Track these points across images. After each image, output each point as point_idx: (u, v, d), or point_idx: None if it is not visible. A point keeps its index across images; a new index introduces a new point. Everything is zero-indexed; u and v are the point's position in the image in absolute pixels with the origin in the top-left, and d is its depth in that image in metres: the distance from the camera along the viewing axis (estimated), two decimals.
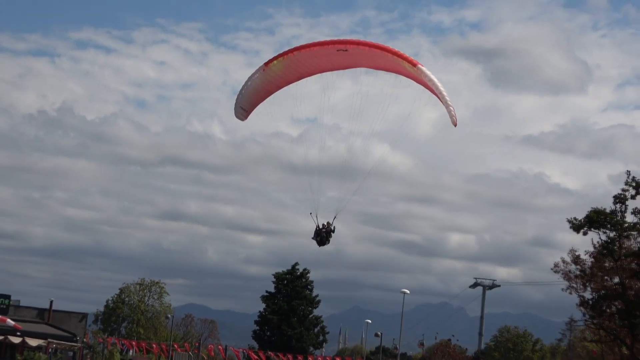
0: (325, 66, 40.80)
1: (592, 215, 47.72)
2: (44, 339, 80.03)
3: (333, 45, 39.05)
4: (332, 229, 42.13)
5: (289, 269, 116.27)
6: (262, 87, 41.40)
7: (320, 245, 42.80)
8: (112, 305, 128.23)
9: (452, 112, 38.22)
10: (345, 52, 38.96)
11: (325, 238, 42.15)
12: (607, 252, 47.48)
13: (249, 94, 41.73)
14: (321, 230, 41.97)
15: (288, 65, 40.04)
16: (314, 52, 39.12)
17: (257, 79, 40.90)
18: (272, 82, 41.07)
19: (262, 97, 42.30)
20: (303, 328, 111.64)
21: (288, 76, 40.93)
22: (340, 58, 39.61)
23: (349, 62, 40.55)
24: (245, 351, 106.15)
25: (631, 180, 47.08)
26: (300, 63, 39.95)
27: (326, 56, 39.45)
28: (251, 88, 41.37)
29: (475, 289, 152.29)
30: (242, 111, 42.63)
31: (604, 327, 49.68)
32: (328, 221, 42.26)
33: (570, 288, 49.91)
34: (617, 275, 47.25)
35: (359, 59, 39.93)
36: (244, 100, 41.97)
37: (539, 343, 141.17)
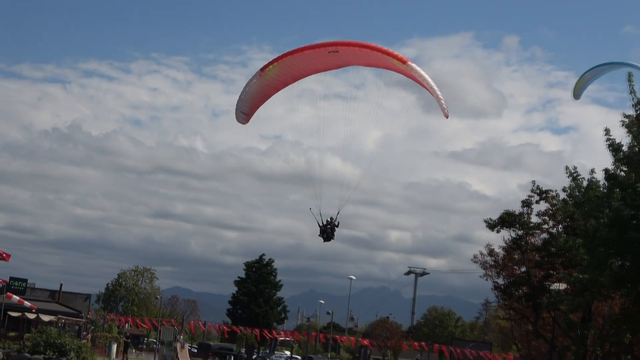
0: (319, 67, 37.20)
1: (504, 216, 47.79)
2: (54, 316, 79.17)
3: (324, 48, 35.36)
4: (336, 224, 38.34)
5: (257, 259, 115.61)
6: (261, 90, 37.88)
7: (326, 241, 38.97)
8: (112, 288, 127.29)
9: (443, 105, 34.66)
10: (336, 53, 35.29)
11: (331, 234, 38.33)
12: (516, 247, 47.57)
13: (248, 98, 38.07)
14: (326, 227, 38.21)
15: (283, 69, 36.50)
16: (307, 55, 35.48)
17: (255, 84, 37.29)
18: (270, 85, 37.54)
19: (262, 100, 38.86)
20: (268, 307, 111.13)
21: (284, 79, 37.34)
22: (333, 59, 35.96)
23: (341, 62, 36.96)
24: (221, 326, 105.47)
25: (536, 188, 47.23)
26: (294, 66, 36.49)
27: (318, 58, 35.85)
28: (250, 93, 37.75)
29: (409, 276, 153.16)
30: (242, 115, 38.77)
31: (513, 308, 49.74)
32: (331, 217, 38.46)
33: (486, 275, 49.87)
34: (524, 265, 47.29)
35: (350, 58, 36.32)
36: (243, 104, 38.21)
37: (461, 320, 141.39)
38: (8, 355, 56.83)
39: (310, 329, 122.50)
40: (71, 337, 61.87)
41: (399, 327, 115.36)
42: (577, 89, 46.24)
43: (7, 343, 62.17)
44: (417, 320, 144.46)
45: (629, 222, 25.67)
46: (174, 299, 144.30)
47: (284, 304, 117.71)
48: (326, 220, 37.95)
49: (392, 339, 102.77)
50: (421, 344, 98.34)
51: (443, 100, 34.40)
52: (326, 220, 37.93)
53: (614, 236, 26.25)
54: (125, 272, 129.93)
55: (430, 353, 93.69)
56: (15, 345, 59.91)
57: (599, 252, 27.40)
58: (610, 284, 27.97)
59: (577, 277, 30.99)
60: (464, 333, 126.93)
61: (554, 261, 44.13)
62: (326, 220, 37.95)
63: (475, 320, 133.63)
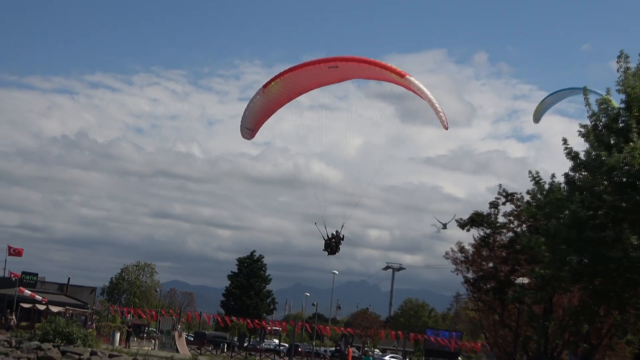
0: (320, 82, 35.52)
1: (474, 216, 47.79)
2: (62, 307, 78.82)
3: (324, 64, 33.61)
4: (341, 237, 36.04)
5: (248, 255, 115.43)
6: (265, 107, 36.20)
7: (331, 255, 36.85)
8: (115, 281, 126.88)
9: (443, 117, 32.79)
10: (336, 68, 33.53)
11: (335, 247, 36.16)
12: (484, 244, 47.57)
13: (252, 115, 36.39)
14: (331, 241, 35.90)
15: (285, 85, 34.74)
16: (308, 71, 33.76)
17: (259, 100, 35.66)
18: (274, 101, 35.94)
19: (266, 116, 37.15)
20: (258, 299, 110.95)
21: (288, 94, 35.65)
22: (333, 73, 34.23)
23: (342, 77, 35.25)
24: (215, 316, 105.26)
25: (502, 191, 47.26)
26: (296, 82, 34.68)
27: (319, 73, 34.04)
28: (254, 109, 36.06)
29: (386, 271, 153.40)
30: (247, 131, 37.04)
31: (482, 300, 49.70)
32: (337, 230, 36.16)
33: (457, 270, 49.82)
34: (492, 261, 47.31)
35: (350, 72, 34.58)
36: (248, 121, 36.54)
37: (434, 311, 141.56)
38: (20, 342, 56.59)
39: (297, 319, 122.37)
40: (78, 326, 61.64)
41: (378, 318, 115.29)
42: (536, 113, 46.52)
43: (19, 332, 61.91)
44: (394, 311, 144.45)
45: (586, 222, 25.74)
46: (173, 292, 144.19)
47: (273, 296, 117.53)
48: (331, 233, 35.96)
49: (372, 328, 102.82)
50: (398, 333, 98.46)
51: (443, 113, 32.84)
52: (331, 234, 35.94)
53: (573, 235, 26.32)
54: (128, 267, 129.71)
55: (406, 341, 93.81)
56: (27, 334, 59.66)
57: (559, 250, 27.46)
58: (570, 278, 28.05)
59: (539, 273, 31.08)
60: (437, 323, 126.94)
61: (519, 258, 44.18)
62: (331, 233, 35.96)
63: (447, 311, 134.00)
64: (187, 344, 74.55)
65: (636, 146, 24.41)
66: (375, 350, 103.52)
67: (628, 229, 24.76)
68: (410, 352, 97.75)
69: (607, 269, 26.12)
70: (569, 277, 27.81)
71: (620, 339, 40.70)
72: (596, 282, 27.56)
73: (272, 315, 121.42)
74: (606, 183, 26.11)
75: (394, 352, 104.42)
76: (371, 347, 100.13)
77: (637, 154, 24.31)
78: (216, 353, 74.36)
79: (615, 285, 27.10)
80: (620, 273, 25.92)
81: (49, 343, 56.14)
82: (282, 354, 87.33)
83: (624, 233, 24.58)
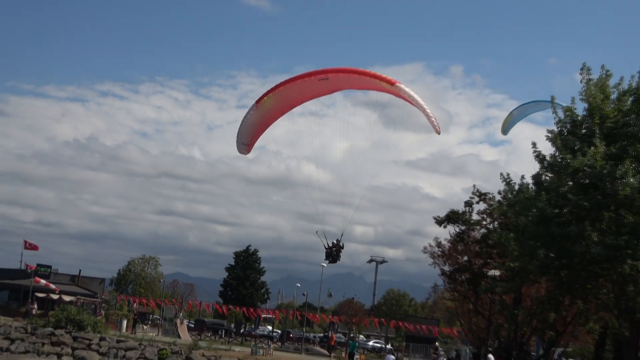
0: (311, 95, 33.39)
1: (450, 214, 47.81)
2: (74, 296, 78.51)
3: (315, 76, 31.45)
4: (341, 245, 34.63)
5: (244, 249, 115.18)
6: (259, 122, 34.19)
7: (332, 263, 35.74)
8: (122, 273, 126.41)
9: (434, 122, 31.02)
10: (326, 80, 31.37)
11: (336, 256, 34.86)
12: (459, 240, 47.59)
13: (247, 130, 34.38)
14: (332, 250, 34.59)
15: (278, 100, 32.73)
16: (298, 84, 31.79)
17: (252, 116, 33.67)
18: (267, 115, 33.83)
19: (261, 131, 35.09)
20: (253, 289, 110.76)
21: (281, 108, 33.64)
22: (324, 85, 32.11)
23: (332, 88, 33.13)
24: (214, 305, 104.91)
25: (476, 191, 47.31)
26: (288, 96, 32.62)
27: (310, 86, 31.98)
28: (248, 125, 34.06)
29: (371, 264, 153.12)
30: (243, 146, 35.08)
31: (457, 290, 49.73)
32: (337, 239, 34.72)
33: (434, 263, 49.80)
34: (466, 255, 47.33)
35: (340, 83, 32.47)
36: (243, 136, 34.53)
37: (413, 301, 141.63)
38: (35, 329, 56.36)
39: (288, 308, 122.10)
40: (88, 314, 61.43)
41: (363, 306, 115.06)
42: (505, 125, 46.30)
43: (34, 319, 61.65)
44: (378, 301, 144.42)
45: (552, 220, 25.78)
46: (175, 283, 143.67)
47: (267, 287, 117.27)
48: (332, 242, 34.65)
49: (357, 316, 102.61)
50: (381, 320, 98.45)
51: (434, 118, 31.19)
52: (332, 243, 34.64)
53: (540, 231, 26.36)
54: (134, 260, 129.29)
55: (388, 327, 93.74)
56: (41, 321, 59.43)
57: (527, 245, 27.50)
58: (537, 271, 28.08)
59: (509, 265, 31.10)
60: (416, 311, 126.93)
61: (491, 252, 44.25)
62: (332, 242, 34.65)
63: (426, 301, 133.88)
64: (188, 331, 74.39)
65: (598, 150, 24.46)
66: (360, 336, 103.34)
67: (590, 226, 24.81)
68: (392, 338, 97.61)
69: (571, 263, 26.15)
70: (537, 270, 27.84)
71: (583, 327, 40.86)
72: (561, 275, 27.60)
73: (266, 304, 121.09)
74: (570, 184, 26.18)
75: (377, 337, 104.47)
76: (357, 334, 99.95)
77: (598, 157, 24.37)
78: (215, 339, 74.20)
79: (579, 277, 27.14)
80: (583, 266, 25.96)
81: (61, 329, 55.95)
82: (275, 339, 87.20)
83: (586, 230, 24.62)
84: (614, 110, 25.86)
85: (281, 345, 76.58)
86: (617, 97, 26.47)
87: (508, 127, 45.82)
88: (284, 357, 56.52)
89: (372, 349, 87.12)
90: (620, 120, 25.60)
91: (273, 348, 63.22)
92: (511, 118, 45.09)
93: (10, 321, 60.44)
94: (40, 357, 52.67)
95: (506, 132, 46.56)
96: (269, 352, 57.44)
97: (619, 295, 26.02)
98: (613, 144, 25.03)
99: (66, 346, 53.92)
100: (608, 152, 24.65)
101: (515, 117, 44.94)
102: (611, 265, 25.09)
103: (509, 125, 45.64)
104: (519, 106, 45.19)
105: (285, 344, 78.38)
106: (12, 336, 55.25)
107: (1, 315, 67.28)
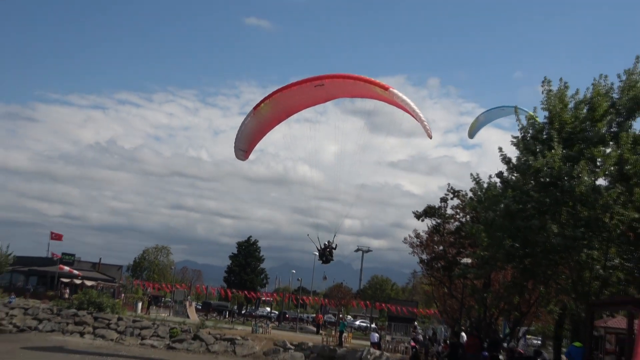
0: (308, 102, 30.98)
1: (427, 209, 47.75)
2: (95, 281, 78.38)
3: (310, 82, 29.31)
4: (334, 246, 33.06)
5: (245, 239, 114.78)
6: (256, 129, 31.95)
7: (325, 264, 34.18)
8: (138, 261, 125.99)
9: (427, 126, 29.04)
10: (322, 86, 29.18)
11: (329, 256, 33.35)
12: (435, 231, 47.54)
13: (245, 137, 32.16)
14: (325, 251, 33.07)
15: (275, 107, 30.44)
16: (294, 90, 29.70)
17: (249, 122, 31.43)
18: (264, 123, 31.63)
19: (258, 138, 32.92)
20: (254, 275, 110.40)
21: (278, 115, 31.43)
22: (319, 92, 29.81)
23: (328, 95, 30.75)
24: (219, 289, 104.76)
25: (450, 189, 47.24)
26: (285, 103, 30.35)
27: (306, 93, 29.70)
28: (245, 132, 31.81)
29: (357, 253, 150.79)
30: (241, 152, 32.90)
31: (434, 276, 49.67)
32: (329, 240, 33.10)
33: (413, 252, 49.69)
34: (442, 245, 47.29)
35: (335, 90, 30.09)
36: (241, 143, 32.34)
37: (395, 285, 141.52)
38: (60, 310, 56.26)
39: (285, 291, 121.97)
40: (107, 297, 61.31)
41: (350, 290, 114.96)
42: (471, 130, 45.71)
43: (59, 302, 61.54)
44: (363, 285, 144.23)
45: (517, 214, 25.84)
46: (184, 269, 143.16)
47: (266, 273, 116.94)
48: (324, 244, 33.13)
49: (345, 299, 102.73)
50: (366, 303, 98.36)
51: (426, 122, 29.25)
52: (324, 244, 33.12)
53: (506, 224, 26.41)
54: (148, 249, 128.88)
55: (373, 309, 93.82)
56: (66, 303, 59.33)
57: (495, 236, 27.54)
58: (504, 259, 28.13)
59: (479, 254, 31.15)
60: (398, 294, 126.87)
61: (463, 242, 44.29)
62: (324, 244, 33.13)
63: (406, 285, 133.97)
64: (196, 312, 74.33)
65: (556, 153, 24.53)
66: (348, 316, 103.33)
67: (550, 219, 24.88)
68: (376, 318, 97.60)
69: (533, 252, 26.23)
70: (504, 258, 27.89)
71: (544, 308, 40.97)
72: (525, 262, 27.66)
73: (265, 288, 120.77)
74: (533, 182, 26.22)
75: (363, 318, 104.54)
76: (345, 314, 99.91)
77: (557, 159, 24.44)
78: (220, 319, 74.15)
79: (541, 264, 27.21)
80: (544, 255, 26.03)
81: (83, 311, 55.83)
82: (273, 319, 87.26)
83: (547, 223, 24.69)
84: (571, 118, 25.92)
85: (278, 324, 76.60)
86: (574, 106, 26.54)
87: (474, 131, 45.15)
88: (280, 334, 56.45)
89: (358, 328, 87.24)
90: (577, 126, 25.67)
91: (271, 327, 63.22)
92: (477, 123, 44.44)
93: (39, 303, 60.35)
94: (65, 335, 52.57)
95: (472, 136, 45.68)
96: (267, 331, 57.42)
97: (576, 280, 26.09)
98: (570, 147, 25.10)
99: (88, 325, 53.82)
100: (565, 154, 24.73)
101: (481, 122, 44.16)
102: (569, 254, 25.18)
103: (475, 130, 44.97)
104: (485, 111, 44.38)
105: (281, 323, 78.40)
106: (40, 317, 55.16)
107: (30, 298, 67.20)
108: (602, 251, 25.06)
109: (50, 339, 50.14)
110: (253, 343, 50.95)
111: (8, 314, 55.61)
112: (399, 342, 55.10)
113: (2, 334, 52.15)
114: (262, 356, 48.88)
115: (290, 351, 49.05)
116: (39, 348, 42.78)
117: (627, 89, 25.37)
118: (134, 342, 51.59)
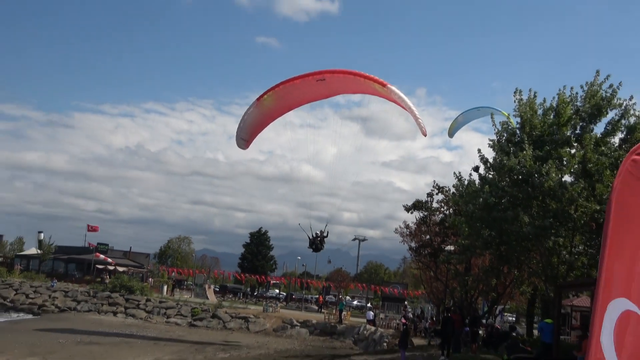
0: (309, 97, 28.75)
1: (416, 203, 47.76)
2: (126, 267, 78.63)
3: (312, 77, 27.06)
4: (325, 235, 31.07)
5: (257, 230, 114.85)
6: (258, 119, 29.71)
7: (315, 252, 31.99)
8: (163, 249, 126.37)
9: (421, 124, 27.09)
10: (323, 81, 26.88)
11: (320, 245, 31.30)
12: (423, 222, 47.60)
13: (247, 126, 29.95)
14: (315, 240, 30.96)
15: (277, 99, 28.22)
16: (297, 84, 27.34)
17: (252, 112, 29.21)
18: (266, 114, 29.38)
19: (260, 129, 30.68)
20: (264, 261, 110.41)
21: (280, 109, 29.26)
22: (321, 87, 27.60)
23: (329, 91, 28.57)
24: (234, 274, 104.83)
25: (436, 185, 47.27)
26: (287, 96, 28.08)
27: (308, 87, 27.43)
28: (248, 121, 29.66)
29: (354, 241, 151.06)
30: (242, 141, 30.65)
31: (421, 261, 49.76)
32: (321, 230, 31.07)
33: (404, 241, 49.79)
34: (428, 234, 47.37)
35: (336, 86, 27.78)
36: (243, 132, 30.10)
37: (387, 270, 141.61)
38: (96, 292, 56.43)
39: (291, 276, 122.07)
40: (137, 281, 61.54)
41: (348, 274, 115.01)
42: (451, 129, 45.13)
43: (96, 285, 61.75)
44: (360, 270, 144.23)
45: (493, 207, 25.90)
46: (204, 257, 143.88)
47: (274, 259, 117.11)
48: (315, 233, 31.16)
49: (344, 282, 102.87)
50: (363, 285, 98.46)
51: (421, 120, 27.29)
52: (315, 234, 31.17)
53: (484, 216, 26.47)
54: (172, 239, 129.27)
55: (369, 291, 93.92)
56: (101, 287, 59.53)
57: (474, 226, 27.61)
58: (482, 246, 28.19)
59: (461, 242, 31.21)
60: (390, 278, 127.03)
61: (447, 232, 44.34)
62: (315, 233, 31.16)
63: (397, 270, 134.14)
64: (214, 294, 74.52)
65: (527, 153, 24.61)
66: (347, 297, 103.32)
67: (522, 211, 24.93)
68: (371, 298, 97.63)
69: (508, 240, 26.27)
70: (482, 246, 27.96)
71: (518, 289, 41.05)
72: (501, 249, 27.71)
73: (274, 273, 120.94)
74: (507, 179, 26.29)
75: (360, 298, 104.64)
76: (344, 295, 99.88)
77: (528, 158, 24.52)
78: (235, 300, 74.28)
79: (514, 251, 27.27)
80: (518, 242, 26.09)
81: (116, 293, 56.04)
82: (281, 300, 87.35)
83: (520, 214, 24.75)
84: (540, 123, 25.99)
85: (286, 304, 76.72)
86: (542, 113, 26.62)
87: (453, 131, 44.42)
88: (287, 313, 56.59)
89: (356, 307, 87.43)
90: (545, 130, 25.76)
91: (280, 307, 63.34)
92: (456, 123, 43.86)
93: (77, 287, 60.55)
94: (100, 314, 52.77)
95: (452, 135, 44.73)
96: (276, 310, 57.55)
97: (546, 265, 26.16)
98: (540, 148, 25.17)
99: (120, 306, 54.01)
100: (535, 154, 24.81)
101: (460, 122, 43.50)
102: (539, 242, 25.23)
103: (455, 129, 44.34)
104: (464, 112, 43.68)
105: (289, 304, 78.53)
106: (78, 299, 55.39)
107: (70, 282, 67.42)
108: (568, 239, 25.16)
109: (87, 317, 50.33)
110: (264, 321, 51.13)
111: (50, 296, 55.85)
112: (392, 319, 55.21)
113: (45, 313, 52.35)
114: (272, 332, 49.03)
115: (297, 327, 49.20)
116: (51, 330, 41.28)
117: (589, 98, 25.52)
118: (160, 320, 51.79)
